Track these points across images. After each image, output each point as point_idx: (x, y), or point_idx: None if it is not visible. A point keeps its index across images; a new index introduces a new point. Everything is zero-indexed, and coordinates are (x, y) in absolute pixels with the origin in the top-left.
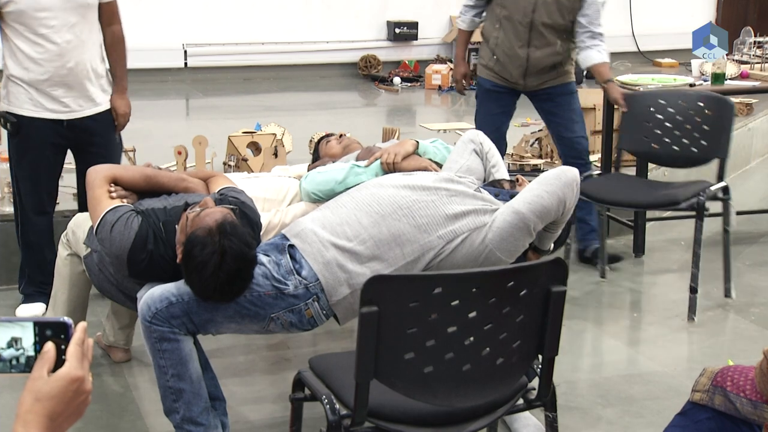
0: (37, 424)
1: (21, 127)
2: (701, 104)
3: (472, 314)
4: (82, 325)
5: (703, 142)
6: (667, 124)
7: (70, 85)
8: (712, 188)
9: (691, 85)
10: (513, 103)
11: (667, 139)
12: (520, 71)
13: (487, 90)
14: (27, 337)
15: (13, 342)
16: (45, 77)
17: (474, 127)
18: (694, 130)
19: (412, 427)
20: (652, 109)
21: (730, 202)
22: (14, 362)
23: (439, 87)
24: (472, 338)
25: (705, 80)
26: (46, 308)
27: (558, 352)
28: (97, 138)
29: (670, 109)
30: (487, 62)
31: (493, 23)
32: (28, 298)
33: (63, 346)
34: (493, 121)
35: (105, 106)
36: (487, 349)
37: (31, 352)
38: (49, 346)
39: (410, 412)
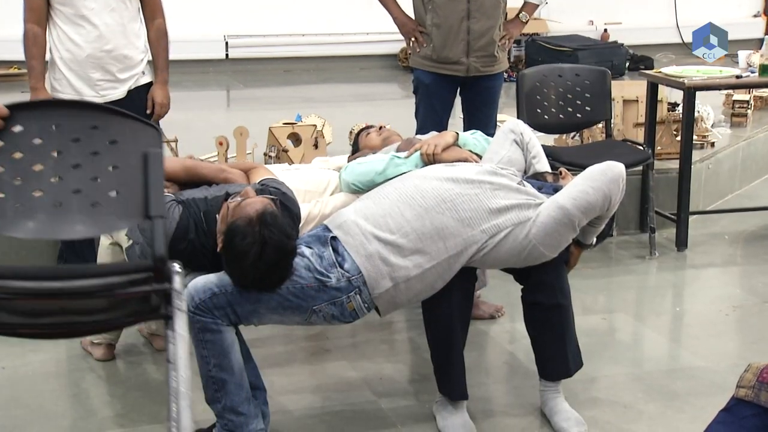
0: None
1: None
2: (578, 75)
3: (57, 154)
4: None
5: (587, 108)
6: (552, 97)
7: (107, 69)
8: None
9: (737, 77)
10: (453, 98)
11: (554, 110)
12: (462, 47)
13: (427, 85)
14: None
15: None
16: (83, 58)
17: (515, 117)
18: (576, 98)
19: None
20: (538, 84)
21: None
22: None
23: None
24: (60, 177)
25: (752, 71)
26: None
27: (162, 213)
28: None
29: (552, 83)
30: (423, 52)
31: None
32: None
33: None
34: (435, 117)
35: (134, 84)
36: (80, 190)
37: None
38: None
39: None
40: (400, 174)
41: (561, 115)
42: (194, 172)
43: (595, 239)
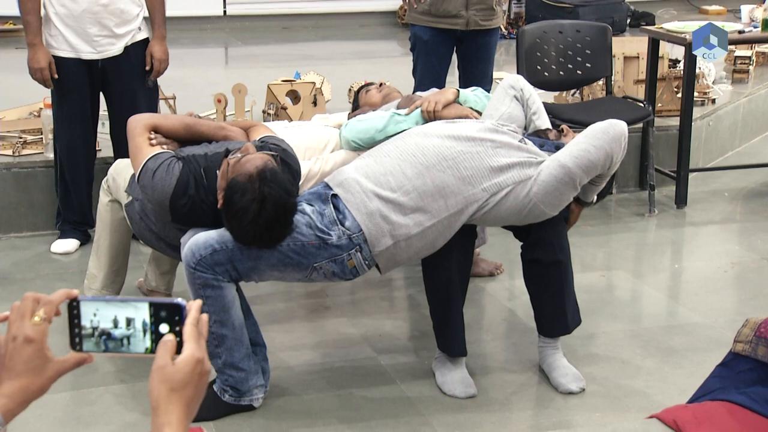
0: (178, 413)
1: (60, 69)
2: (579, 31)
3: None
4: (197, 304)
5: (587, 65)
6: (553, 54)
7: (104, 24)
8: None
9: (740, 32)
10: (450, 54)
11: (554, 67)
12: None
13: (425, 41)
14: (140, 317)
15: (127, 322)
16: (80, 12)
17: (515, 74)
18: (576, 55)
19: None
20: (538, 40)
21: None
22: (125, 342)
23: None
24: None
25: (755, 27)
26: (80, 245)
27: None
28: (125, 76)
29: (552, 40)
30: (421, 7)
31: None
32: (63, 234)
33: (178, 328)
34: (433, 74)
35: (130, 40)
36: None
37: (143, 334)
38: (170, 337)
39: None
40: (401, 131)
41: (561, 72)
42: (194, 130)
43: (595, 197)
